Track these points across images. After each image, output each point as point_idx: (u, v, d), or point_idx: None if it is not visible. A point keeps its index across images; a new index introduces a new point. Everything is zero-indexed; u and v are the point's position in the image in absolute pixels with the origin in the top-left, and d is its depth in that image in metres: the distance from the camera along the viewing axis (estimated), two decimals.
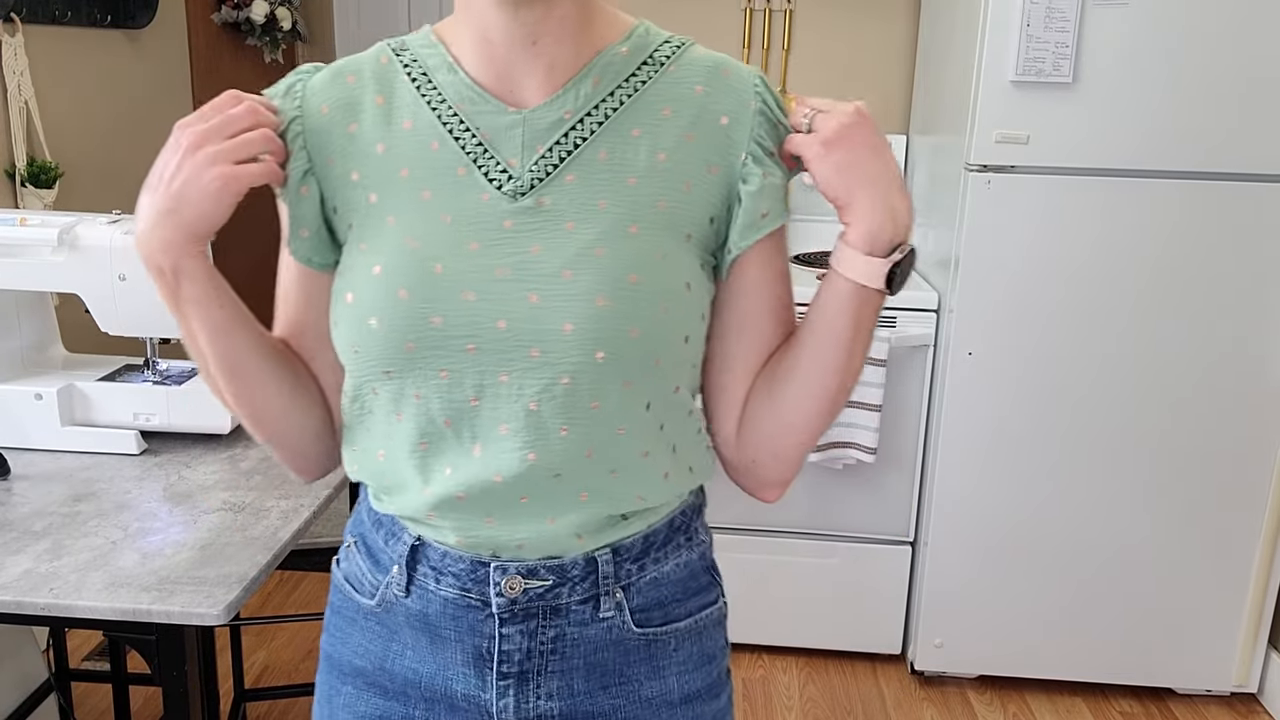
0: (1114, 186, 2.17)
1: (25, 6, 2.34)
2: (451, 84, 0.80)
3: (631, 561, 0.83)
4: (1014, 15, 2.09)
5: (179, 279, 0.79)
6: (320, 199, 0.82)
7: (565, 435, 0.76)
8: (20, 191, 2.34)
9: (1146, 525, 2.33)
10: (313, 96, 0.82)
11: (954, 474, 2.35)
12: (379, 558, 0.86)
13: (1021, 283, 2.23)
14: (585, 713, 0.84)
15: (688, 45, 0.83)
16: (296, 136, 0.81)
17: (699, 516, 0.90)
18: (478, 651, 0.82)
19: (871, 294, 0.80)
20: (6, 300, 1.59)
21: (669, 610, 0.86)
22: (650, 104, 0.79)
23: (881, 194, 0.77)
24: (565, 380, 0.75)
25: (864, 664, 2.58)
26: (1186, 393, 2.26)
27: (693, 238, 0.79)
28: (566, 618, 0.82)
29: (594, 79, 0.79)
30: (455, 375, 0.76)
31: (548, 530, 0.79)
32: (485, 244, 0.76)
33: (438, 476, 0.79)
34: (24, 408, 1.54)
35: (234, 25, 3.20)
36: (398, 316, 0.75)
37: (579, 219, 0.76)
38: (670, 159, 0.78)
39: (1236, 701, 2.45)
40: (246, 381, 0.84)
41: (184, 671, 1.20)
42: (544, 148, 0.78)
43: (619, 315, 0.74)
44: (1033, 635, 2.43)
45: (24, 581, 1.18)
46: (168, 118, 3.16)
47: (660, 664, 0.85)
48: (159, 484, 1.45)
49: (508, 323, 0.75)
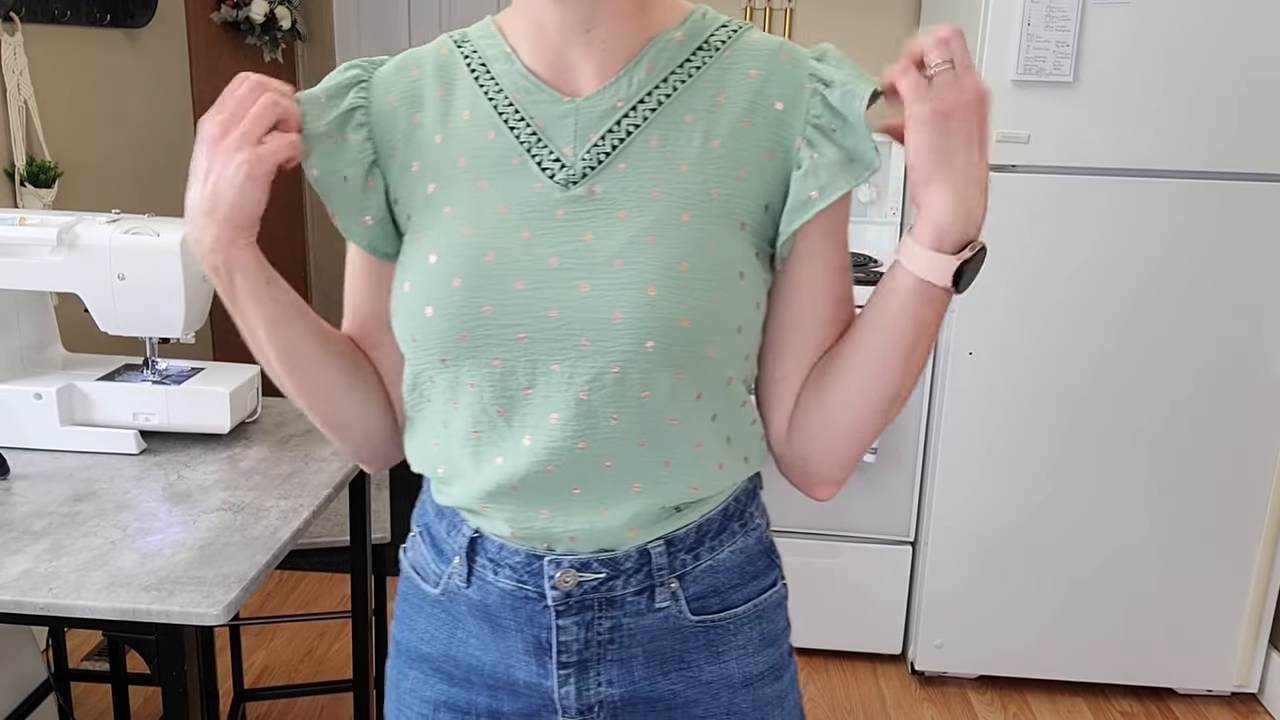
0: (1115, 186, 2.17)
1: (25, 6, 2.33)
2: (508, 74, 0.80)
3: (686, 551, 0.82)
4: (1014, 14, 2.09)
5: (232, 274, 0.80)
6: (385, 189, 0.83)
7: (615, 424, 0.76)
8: (19, 191, 2.34)
9: (1147, 525, 2.33)
10: (379, 88, 0.83)
11: (955, 474, 2.35)
12: (442, 548, 0.87)
13: (1022, 283, 2.23)
14: (646, 697, 0.85)
15: (745, 30, 0.82)
16: (361, 127, 0.82)
17: (754, 501, 0.88)
18: (537, 641, 0.83)
19: (937, 292, 0.76)
20: (6, 300, 1.59)
21: (726, 596, 0.85)
22: (705, 90, 0.79)
23: (960, 190, 0.73)
24: (615, 369, 0.74)
25: (864, 664, 2.58)
26: (1187, 392, 2.25)
27: (747, 226, 0.78)
28: (622, 609, 0.82)
29: (647, 65, 0.79)
30: (508, 364, 0.76)
31: (601, 522, 0.79)
32: (537, 232, 0.76)
33: (489, 466, 0.80)
34: (23, 407, 1.53)
35: (233, 24, 3.20)
36: (451, 305, 0.76)
37: (631, 207, 0.76)
38: (725, 145, 0.78)
39: (1237, 701, 2.45)
40: (306, 372, 0.85)
41: (183, 671, 1.19)
42: (596, 136, 0.78)
43: (669, 304, 0.74)
44: (1033, 635, 2.42)
45: (23, 581, 1.17)
46: (167, 117, 3.15)
47: (720, 649, 0.85)
48: (158, 484, 1.45)
49: (559, 311, 0.75)
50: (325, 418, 0.88)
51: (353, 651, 1.85)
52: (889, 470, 2.43)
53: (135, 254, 1.50)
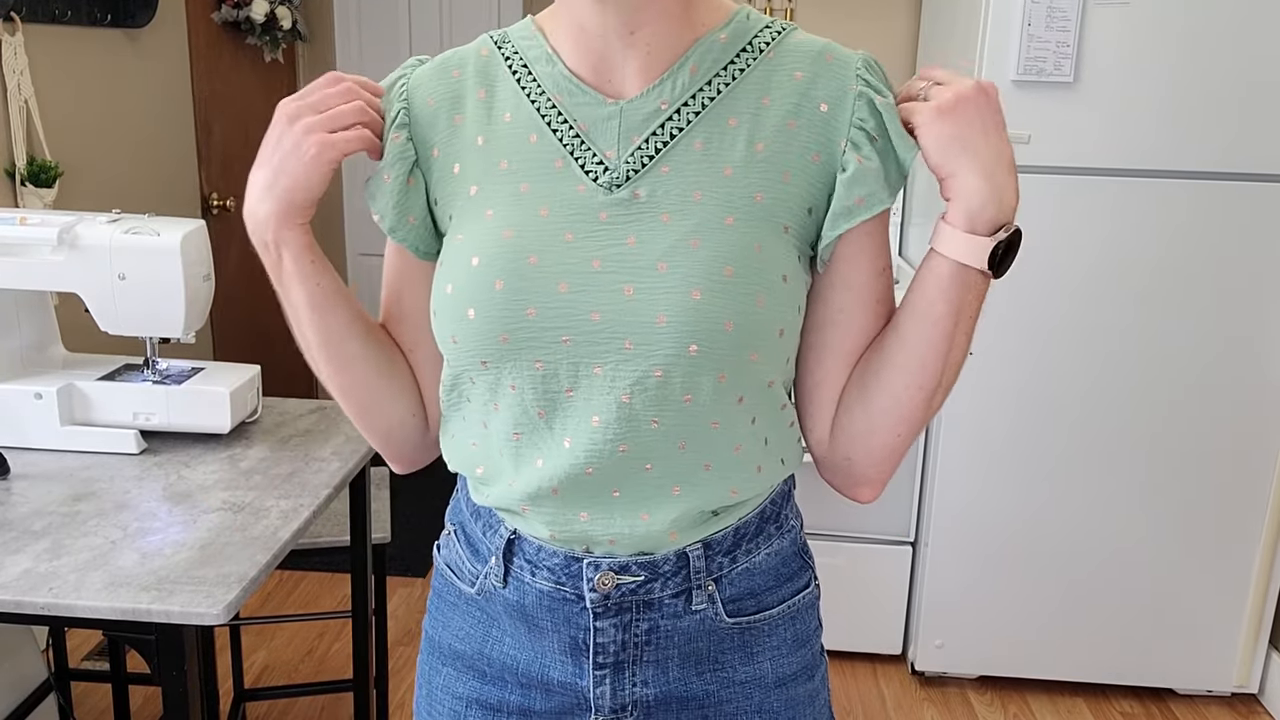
0: (1115, 186, 2.17)
1: (25, 5, 2.33)
2: (550, 75, 0.80)
3: (723, 555, 0.83)
4: (1015, 14, 2.09)
5: (280, 252, 0.80)
6: (426, 190, 0.83)
7: (656, 428, 0.76)
8: (20, 191, 2.34)
9: (1148, 525, 2.33)
10: (418, 89, 0.83)
11: (955, 474, 2.35)
12: (478, 547, 0.87)
13: (1022, 283, 2.23)
14: (680, 697, 0.85)
15: (789, 31, 0.81)
16: (403, 128, 0.82)
17: (789, 503, 0.89)
18: (574, 642, 0.83)
19: (974, 276, 0.76)
20: (6, 300, 1.59)
21: (761, 599, 0.85)
22: (749, 92, 0.78)
23: (986, 170, 0.74)
24: (658, 373, 0.74)
25: (864, 664, 2.58)
26: (1187, 392, 2.25)
27: (790, 229, 0.78)
28: (659, 611, 0.82)
29: (691, 67, 0.78)
30: (550, 366, 0.76)
31: (641, 526, 0.79)
32: (580, 236, 0.76)
33: (529, 468, 0.80)
34: (24, 407, 1.53)
35: (234, 24, 3.20)
36: (493, 308, 0.76)
37: (674, 210, 0.76)
38: (769, 149, 0.77)
39: (1237, 702, 2.45)
40: (342, 361, 0.85)
41: (184, 671, 1.19)
42: (640, 139, 0.77)
43: (713, 308, 0.73)
44: (1033, 635, 2.42)
45: (23, 581, 1.17)
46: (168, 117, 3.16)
47: (754, 650, 0.86)
48: (159, 484, 1.45)
49: (601, 315, 0.74)
50: (358, 407, 0.88)
51: (353, 651, 1.85)
52: None
53: (136, 254, 1.50)
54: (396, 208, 0.82)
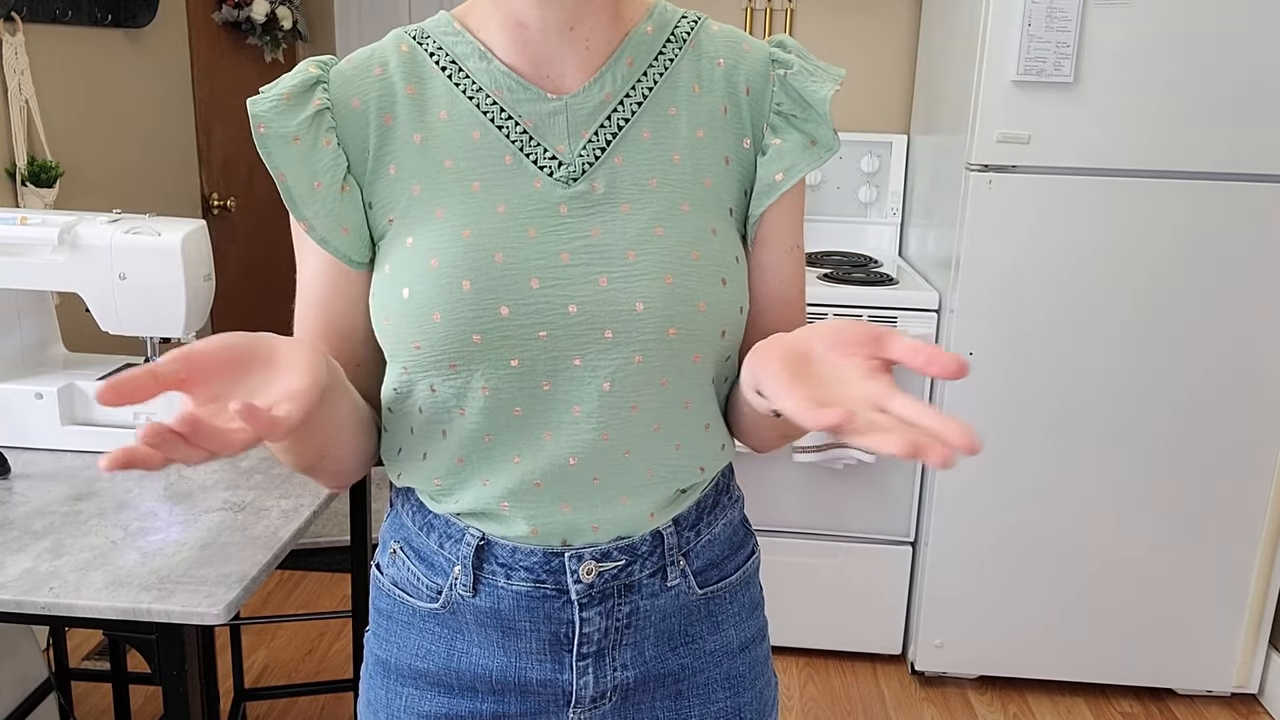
0: (1115, 186, 2.17)
1: (26, 5, 2.33)
2: (485, 72, 0.79)
3: (689, 529, 0.85)
4: (1015, 14, 2.09)
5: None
6: (360, 195, 0.79)
7: (635, 413, 0.78)
8: (20, 191, 2.34)
9: (1147, 525, 2.33)
10: (341, 89, 0.79)
11: (955, 474, 2.35)
12: (432, 560, 0.84)
13: (1022, 283, 2.23)
14: (657, 675, 0.86)
15: (703, 20, 0.85)
16: (329, 131, 0.78)
17: (733, 475, 0.93)
18: (555, 637, 0.83)
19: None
20: (7, 299, 1.59)
21: (722, 567, 0.89)
22: (681, 82, 0.81)
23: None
24: (638, 359, 0.76)
25: (864, 664, 2.58)
26: (1187, 392, 2.25)
27: (734, 212, 0.82)
28: (639, 592, 0.83)
29: (628, 60, 0.80)
30: (527, 363, 0.76)
31: (622, 511, 0.80)
32: (543, 231, 0.76)
33: (506, 466, 0.79)
34: (24, 407, 1.53)
35: (234, 24, 3.20)
36: (463, 309, 0.74)
37: (634, 200, 0.77)
38: (708, 134, 0.80)
39: (1237, 702, 2.45)
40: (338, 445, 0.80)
41: (184, 671, 1.19)
42: (589, 132, 0.78)
43: (687, 291, 0.76)
44: (1033, 635, 2.42)
45: (24, 581, 1.17)
46: (168, 117, 3.15)
47: (719, 619, 0.89)
48: (159, 483, 1.45)
49: (579, 306, 0.75)
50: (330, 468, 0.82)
51: (353, 651, 1.85)
52: (889, 470, 2.43)
53: (136, 254, 1.50)
54: (329, 217, 0.77)
